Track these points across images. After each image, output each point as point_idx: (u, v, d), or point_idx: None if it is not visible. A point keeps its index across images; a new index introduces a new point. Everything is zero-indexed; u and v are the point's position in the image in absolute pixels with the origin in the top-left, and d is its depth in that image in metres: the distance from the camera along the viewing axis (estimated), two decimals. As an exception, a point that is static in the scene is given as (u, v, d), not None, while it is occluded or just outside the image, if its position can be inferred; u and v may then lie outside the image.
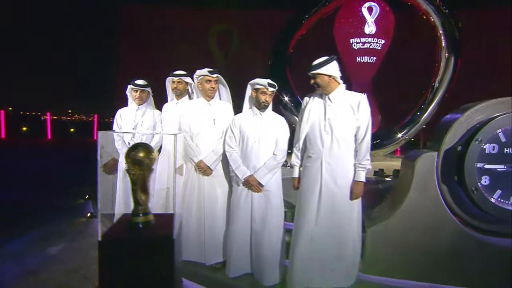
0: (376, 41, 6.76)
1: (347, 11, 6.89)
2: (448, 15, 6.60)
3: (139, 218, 1.20)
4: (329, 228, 1.93)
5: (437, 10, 6.60)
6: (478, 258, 2.08)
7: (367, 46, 6.78)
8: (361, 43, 6.79)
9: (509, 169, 2.01)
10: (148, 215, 1.22)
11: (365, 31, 6.70)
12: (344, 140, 1.89)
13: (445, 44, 6.72)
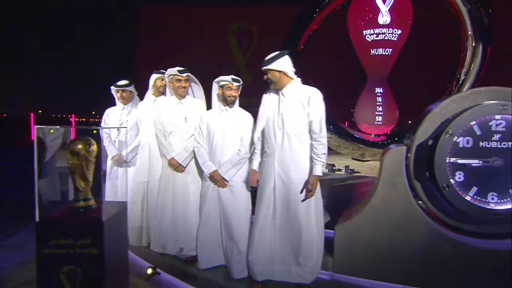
0: (391, 31, 6.57)
1: (360, 1, 6.77)
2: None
3: (80, 203, 1.40)
4: (287, 222, 2.01)
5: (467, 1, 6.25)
6: (453, 260, 2.04)
7: (382, 38, 6.60)
8: (374, 34, 6.64)
9: (485, 164, 1.95)
10: (89, 201, 1.42)
11: (379, 21, 6.54)
12: (296, 135, 1.96)
13: (471, 31, 6.35)
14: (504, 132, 1.92)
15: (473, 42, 6.42)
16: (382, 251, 2.14)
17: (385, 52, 6.70)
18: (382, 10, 6.47)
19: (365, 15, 6.66)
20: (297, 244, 2.02)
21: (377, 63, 6.84)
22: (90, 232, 1.28)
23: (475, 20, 6.31)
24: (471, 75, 6.56)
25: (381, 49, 6.68)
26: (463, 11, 6.34)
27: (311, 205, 2.01)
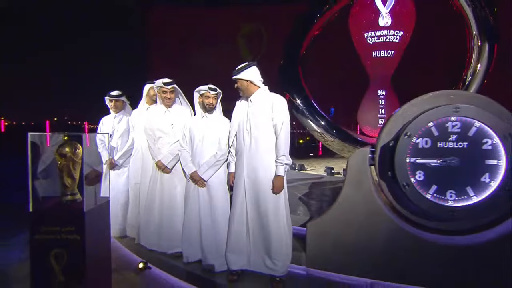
0: (392, 33, 6.71)
1: (361, 4, 6.95)
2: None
3: (67, 197, 1.70)
4: (258, 217, 2.26)
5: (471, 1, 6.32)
6: (415, 255, 2.21)
7: (383, 40, 6.75)
8: (376, 37, 6.80)
9: (444, 163, 2.13)
10: (75, 195, 1.72)
11: (380, 23, 6.70)
12: (263, 138, 2.21)
13: (476, 31, 6.41)
14: (460, 132, 2.10)
15: (478, 41, 6.49)
16: (349, 247, 2.34)
17: (387, 54, 6.84)
18: (383, 12, 6.63)
19: (365, 17, 6.84)
20: (268, 238, 2.26)
21: (379, 66, 6.98)
22: (73, 221, 1.58)
23: (480, 19, 6.38)
24: (477, 76, 6.59)
25: (383, 51, 6.83)
26: (467, 10, 6.42)
27: (280, 202, 2.25)
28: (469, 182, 2.10)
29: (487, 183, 2.07)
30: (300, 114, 7.26)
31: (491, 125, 2.03)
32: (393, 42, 6.76)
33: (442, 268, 2.18)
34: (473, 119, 2.06)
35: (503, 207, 2.09)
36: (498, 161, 2.05)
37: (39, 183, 1.68)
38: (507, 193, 2.03)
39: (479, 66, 6.56)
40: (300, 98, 7.24)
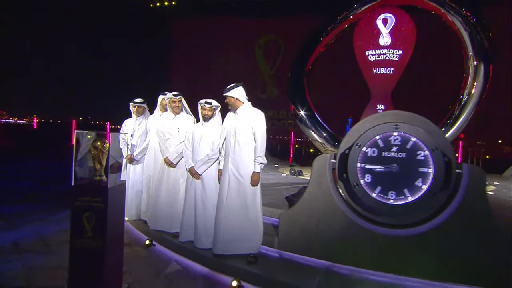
0: (392, 52, 7.22)
1: (364, 24, 7.52)
2: (475, 24, 6.72)
3: (96, 178, 2.38)
4: (239, 205, 2.88)
5: (464, 22, 6.76)
6: (366, 244, 2.75)
7: (383, 58, 7.27)
8: (376, 54, 7.33)
9: (387, 169, 2.69)
10: (102, 177, 2.39)
11: (380, 42, 7.23)
12: (245, 143, 2.84)
13: (472, 52, 6.82)
14: (400, 145, 2.65)
15: (474, 62, 6.92)
16: (312, 234, 2.91)
17: (386, 71, 7.34)
18: (383, 32, 7.16)
19: (367, 36, 7.40)
20: (246, 222, 2.88)
21: (379, 81, 7.49)
22: (100, 194, 2.26)
23: (475, 42, 6.82)
24: (473, 95, 6.97)
25: (383, 68, 7.33)
26: (464, 34, 6.89)
27: (256, 193, 2.87)
28: (406, 185, 2.64)
29: (419, 186, 2.61)
30: (303, 124, 7.85)
31: (423, 140, 2.58)
32: (393, 60, 7.25)
33: (386, 254, 2.70)
34: (410, 134, 2.61)
35: (432, 206, 2.61)
36: (428, 169, 2.58)
37: (78, 167, 2.38)
38: (434, 195, 2.56)
39: (476, 83, 6.94)
40: (304, 110, 7.83)
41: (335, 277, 2.73)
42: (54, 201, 5.10)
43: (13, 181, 6.63)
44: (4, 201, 4.98)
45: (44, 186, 6.32)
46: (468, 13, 6.76)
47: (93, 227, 2.29)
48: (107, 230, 2.30)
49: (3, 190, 5.72)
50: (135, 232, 3.93)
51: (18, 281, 2.64)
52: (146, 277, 2.85)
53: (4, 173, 7.42)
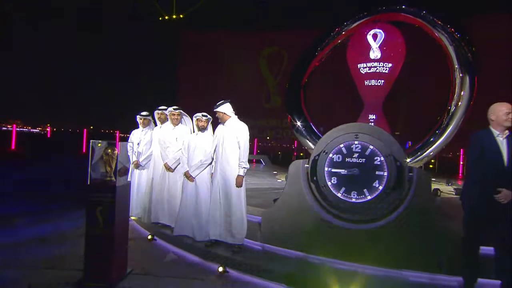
0: (382, 65, 7.70)
1: (355, 39, 8.06)
2: (460, 39, 7.18)
3: (107, 178, 2.95)
4: (226, 202, 3.42)
5: (450, 38, 7.24)
6: (334, 237, 3.24)
7: (373, 70, 7.76)
8: (367, 67, 7.83)
9: (349, 173, 3.19)
10: (112, 177, 2.96)
11: (371, 56, 7.74)
12: (231, 150, 3.40)
13: (458, 65, 7.26)
14: (360, 152, 3.16)
15: (460, 74, 7.34)
16: (289, 229, 3.41)
17: (377, 83, 7.82)
18: (373, 46, 7.69)
19: (359, 50, 7.92)
20: (232, 218, 3.41)
21: (371, 93, 7.97)
22: (110, 191, 2.83)
23: (460, 56, 7.26)
24: (460, 106, 7.37)
25: (374, 80, 7.82)
26: (449, 48, 7.35)
27: (241, 193, 3.41)
28: (365, 186, 3.14)
29: (376, 187, 3.10)
30: (299, 134, 8.36)
31: (378, 147, 3.08)
32: (383, 72, 7.74)
33: (350, 246, 3.17)
34: (368, 143, 3.12)
35: (388, 204, 3.09)
36: (383, 172, 3.08)
37: (92, 170, 2.97)
38: (388, 194, 3.04)
39: (463, 93, 7.35)
40: (300, 120, 8.34)
41: (307, 265, 3.21)
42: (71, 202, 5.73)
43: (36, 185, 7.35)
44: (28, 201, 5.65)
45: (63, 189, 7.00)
46: (453, 29, 7.23)
47: (104, 218, 2.86)
48: (116, 221, 2.87)
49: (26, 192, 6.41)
50: (140, 229, 4.49)
51: (41, 264, 3.22)
52: (148, 264, 3.39)
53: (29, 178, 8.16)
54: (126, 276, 3.05)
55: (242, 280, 3.13)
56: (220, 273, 3.16)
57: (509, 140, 2.64)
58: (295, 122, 8.38)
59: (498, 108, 2.65)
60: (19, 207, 5.26)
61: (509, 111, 2.65)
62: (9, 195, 6.16)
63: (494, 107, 2.71)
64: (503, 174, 2.57)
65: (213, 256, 3.43)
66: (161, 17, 22.25)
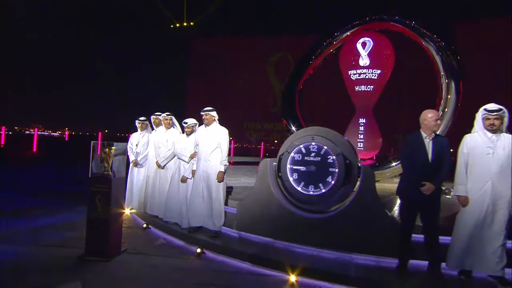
0: (371, 71, 8.18)
1: (346, 48, 8.59)
2: (445, 47, 7.61)
3: (105, 172, 3.64)
4: (208, 195, 4.06)
5: (436, 47, 7.69)
6: (296, 225, 3.80)
7: (363, 77, 8.24)
8: (357, 74, 8.32)
9: (307, 169, 3.75)
10: (109, 172, 3.64)
11: (360, 63, 8.24)
12: (214, 150, 4.03)
13: (443, 72, 7.68)
14: (316, 151, 3.72)
15: (446, 80, 7.77)
16: (259, 218, 4.00)
17: (367, 89, 8.30)
18: (362, 54, 8.19)
19: (349, 58, 8.43)
20: (212, 208, 4.04)
21: (361, 98, 8.45)
22: (107, 183, 3.53)
23: (446, 63, 7.71)
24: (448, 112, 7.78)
25: (364, 86, 8.31)
26: (436, 57, 7.79)
27: (220, 188, 4.04)
28: (321, 181, 3.69)
29: (330, 182, 3.65)
30: (293, 136, 8.91)
31: (331, 147, 3.64)
32: (372, 78, 8.21)
33: (309, 232, 3.73)
34: (322, 144, 3.68)
35: (340, 197, 3.64)
36: (335, 169, 3.63)
37: (93, 165, 3.67)
38: (339, 188, 3.59)
39: (450, 96, 7.76)
40: (295, 125, 8.90)
41: (272, 249, 3.79)
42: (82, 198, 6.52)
43: (52, 184, 8.24)
44: (45, 197, 6.48)
45: (75, 187, 7.84)
46: (439, 39, 7.69)
47: (102, 205, 3.55)
48: (111, 207, 3.56)
49: (44, 190, 7.28)
50: (137, 219, 5.19)
51: (52, 244, 3.95)
52: (140, 246, 4.06)
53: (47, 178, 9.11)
54: (120, 253, 3.73)
55: (216, 260, 3.75)
56: (198, 254, 3.79)
57: (434, 142, 3.15)
58: (290, 127, 8.95)
59: (429, 115, 3.16)
60: (36, 202, 6.08)
61: (437, 117, 3.16)
62: (28, 192, 7.03)
63: (425, 114, 3.22)
64: (428, 170, 3.08)
65: (194, 240, 4.06)
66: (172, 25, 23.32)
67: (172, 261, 3.66)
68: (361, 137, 8.28)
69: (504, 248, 2.96)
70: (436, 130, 3.23)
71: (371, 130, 8.29)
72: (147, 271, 3.34)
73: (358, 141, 8.28)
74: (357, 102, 8.62)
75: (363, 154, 8.33)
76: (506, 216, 2.94)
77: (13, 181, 8.43)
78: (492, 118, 2.99)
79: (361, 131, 8.32)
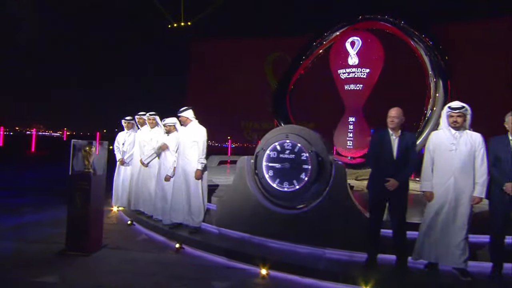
0: (360, 70, 8.26)
1: (335, 47, 8.68)
2: (433, 47, 7.69)
3: (86, 170, 3.77)
4: (187, 191, 4.17)
5: (425, 47, 7.78)
6: (271, 220, 3.91)
7: (352, 76, 8.32)
8: (346, 73, 8.40)
9: (282, 166, 3.86)
10: (90, 169, 3.76)
11: (349, 62, 8.31)
12: (191, 148, 4.15)
13: (431, 71, 7.77)
14: (290, 149, 3.83)
15: (434, 79, 7.85)
16: (237, 214, 4.11)
17: (356, 88, 8.38)
18: (351, 53, 8.27)
19: (338, 57, 8.51)
20: (191, 205, 4.16)
21: (350, 97, 8.54)
22: (87, 180, 3.65)
23: (434, 62, 7.80)
24: (436, 111, 7.86)
25: (353, 85, 8.39)
26: (423, 56, 7.88)
27: (198, 185, 4.16)
28: (295, 178, 3.80)
29: (303, 178, 3.76)
30: (284, 135, 9.00)
31: (304, 145, 3.74)
32: (361, 77, 8.29)
33: (283, 228, 3.84)
34: (296, 142, 3.79)
35: (313, 193, 3.74)
36: (308, 166, 3.73)
37: (74, 162, 3.80)
38: (312, 184, 3.69)
39: (437, 95, 7.84)
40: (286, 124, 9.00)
41: (249, 244, 3.90)
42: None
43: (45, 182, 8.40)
44: (36, 195, 6.63)
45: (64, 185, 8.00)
46: (427, 39, 7.78)
47: (82, 201, 3.68)
48: (91, 203, 3.68)
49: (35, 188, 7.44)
50: (123, 216, 5.33)
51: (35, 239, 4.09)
52: (122, 241, 4.18)
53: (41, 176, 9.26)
54: (100, 248, 3.86)
55: (193, 254, 3.87)
56: (177, 249, 3.91)
57: (400, 139, 3.24)
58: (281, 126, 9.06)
59: (389, 113, 3.26)
60: (26, 200, 6.23)
61: (392, 115, 3.24)
62: (20, 191, 7.18)
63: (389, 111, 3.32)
64: (393, 166, 3.18)
65: (174, 236, 4.18)
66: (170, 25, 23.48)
67: (151, 255, 3.78)
68: (351, 136, 8.36)
69: (466, 242, 3.05)
70: (395, 128, 3.27)
71: (360, 129, 8.37)
72: (124, 265, 3.46)
73: (348, 139, 8.36)
74: (347, 101, 8.69)
75: (352, 152, 8.42)
76: (468, 211, 3.04)
77: (7, 180, 8.61)
78: (455, 116, 3.08)
79: (351, 130, 8.40)
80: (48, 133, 42.90)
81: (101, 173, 3.91)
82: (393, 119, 3.24)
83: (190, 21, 23.18)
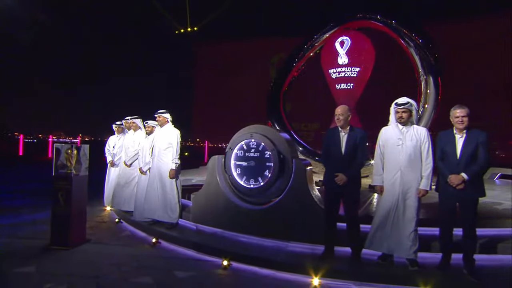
0: (350, 69, 8.36)
1: (326, 48, 8.81)
2: (422, 45, 7.70)
3: (68, 171, 4.12)
4: (162, 190, 4.46)
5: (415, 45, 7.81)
6: (240, 216, 4.13)
7: (342, 75, 8.43)
8: (336, 72, 8.52)
9: (248, 164, 4.08)
10: (72, 170, 4.12)
11: (339, 62, 8.42)
12: (164, 149, 4.43)
13: (422, 69, 7.78)
14: (255, 147, 4.04)
15: (424, 76, 7.87)
16: (210, 210, 4.36)
17: (347, 87, 8.48)
18: (340, 53, 8.38)
19: (328, 57, 8.63)
20: (166, 202, 4.44)
21: (342, 96, 8.64)
22: (68, 180, 4.01)
23: (424, 60, 7.83)
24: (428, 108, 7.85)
25: (344, 84, 8.49)
26: (413, 54, 7.92)
27: (173, 183, 4.44)
28: (259, 175, 4.01)
29: (267, 175, 3.96)
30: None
31: (267, 144, 3.95)
32: (352, 76, 8.38)
33: (251, 223, 4.05)
34: (260, 140, 4.00)
35: (277, 190, 3.93)
36: (271, 163, 3.93)
37: (58, 165, 4.17)
38: (275, 181, 3.89)
39: (428, 91, 7.84)
40: (280, 126, 9.20)
41: (221, 238, 4.13)
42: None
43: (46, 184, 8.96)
44: (36, 196, 7.13)
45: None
46: (417, 37, 7.80)
47: (64, 200, 4.04)
48: (72, 202, 4.03)
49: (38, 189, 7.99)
50: (114, 215, 5.68)
51: (26, 236, 4.48)
52: (105, 237, 4.51)
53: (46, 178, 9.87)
54: (83, 243, 4.20)
55: (167, 248, 4.14)
56: (153, 243, 4.20)
57: (349, 135, 3.39)
58: (275, 127, 9.25)
59: (336, 110, 3.42)
60: (26, 201, 6.73)
61: (337, 113, 3.40)
62: (23, 193, 7.73)
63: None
64: (341, 162, 3.33)
65: (153, 232, 4.47)
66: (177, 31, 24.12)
67: (128, 249, 4.09)
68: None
69: (416, 233, 3.16)
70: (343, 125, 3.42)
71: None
72: (99, 258, 3.77)
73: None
74: (338, 100, 8.79)
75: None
76: (416, 203, 3.15)
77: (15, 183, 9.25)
78: (400, 111, 3.20)
79: (342, 129, 8.48)
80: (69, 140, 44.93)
81: (83, 173, 4.27)
82: (338, 116, 3.40)
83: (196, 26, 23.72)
